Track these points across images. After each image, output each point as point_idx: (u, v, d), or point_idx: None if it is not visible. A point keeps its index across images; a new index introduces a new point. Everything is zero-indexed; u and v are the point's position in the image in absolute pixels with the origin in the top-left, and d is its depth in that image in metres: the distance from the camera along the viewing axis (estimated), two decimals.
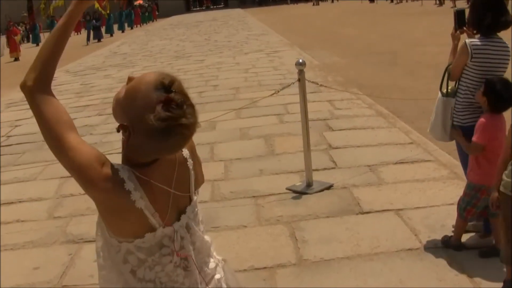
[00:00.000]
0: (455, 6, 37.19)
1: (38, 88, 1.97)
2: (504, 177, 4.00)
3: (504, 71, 4.71)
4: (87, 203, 6.58)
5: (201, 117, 6.98)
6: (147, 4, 69.27)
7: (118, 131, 1.91)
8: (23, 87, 2.00)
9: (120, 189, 1.89)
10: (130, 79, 1.98)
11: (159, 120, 1.82)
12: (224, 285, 2.29)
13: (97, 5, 44.09)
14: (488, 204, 4.21)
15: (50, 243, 5.77)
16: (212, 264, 2.28)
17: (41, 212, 6.62)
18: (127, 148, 1.94)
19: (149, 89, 1.87)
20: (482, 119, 4.55)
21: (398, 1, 51.25)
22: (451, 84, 5.00)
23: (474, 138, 4.56)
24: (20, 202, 7.08)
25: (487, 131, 4.45)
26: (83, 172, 1.85)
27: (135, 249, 1.98)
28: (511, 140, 4.01)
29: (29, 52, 36.50)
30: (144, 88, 1.88)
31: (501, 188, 4.01)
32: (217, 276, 2.27)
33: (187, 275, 2.11)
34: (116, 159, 2.04)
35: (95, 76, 18.71)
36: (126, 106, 1.90)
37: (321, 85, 8.62)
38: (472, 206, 4.66)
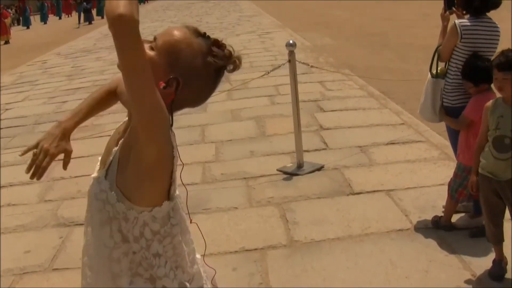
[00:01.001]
0: None
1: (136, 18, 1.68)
2: (481, 158, 4.03)
3: (494, 52, 4.68)
4: (78, 186, 6.58)
5: None
6: None
7: (165, 87, 1.84)
8: (120, 17, 1.64)
9: (171, 141, 1.87)
10: (155, 38, 1.94)
11: (222, 59, 1.96)
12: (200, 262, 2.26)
13: None
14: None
15: (41, 226, 5.76)
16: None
17: (32, 196, 6.61)
18: (174, 103, 1.88)
19: (191, 37, 1.92)
20: (474, 97, 4.57)
21: None
22: (441, 65, 4.99)
23: (463, 112, 4.59)
24: (11, 185, 7.05)
25: (478, 108, 4.43)
26: (163, 113, 1.75)
27: (151, 219, 1.91)
28: (486, 122, 4.02)
29: (20, 35, 36.32)
30: (187, 37, 1.91)
31: (479, 170, 4.04)
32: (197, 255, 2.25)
33: (188, 245, 2.08)
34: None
35: (87, 59, 18.61)
36: (172, 59, 1.87)
37: (312, 66, 8.57)
38: (463, 188, 4.66)
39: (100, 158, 2.05)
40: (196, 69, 1.89)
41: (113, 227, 1.93)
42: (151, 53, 1.87)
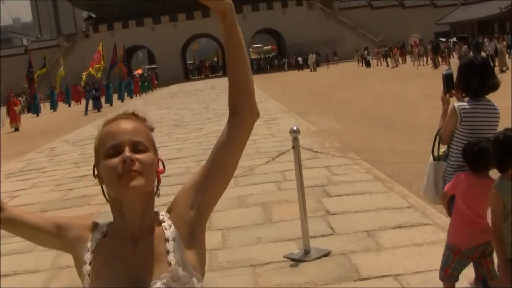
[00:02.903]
0: (449, 68, 37.75)
1: None
2: (507, 244, 3.95)
3: (494, 133, 4.73)
4: None
5: None
6: (146, 74, 70.18)
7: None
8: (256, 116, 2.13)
9: None
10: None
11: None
12: None
13: (90, 69, 44.86)
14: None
15: None
16: None
17: (37, 284, 6.55)
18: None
19: (141, 122, 2.16)
20: (459, 173, 4.61)
21: (394, 65, 51.97)
22: (443, 147, 5.03)
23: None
24: (16, 274, 7.01)
25: (455, 183, 4.48)
26: None
27: None
28: (499, 205, 3.97)
29: (29, 122, 36.83)
30: (142, 123, 2.16)
31: (509, 256, 3.95)
32: None
33: None
34: None
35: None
36: (153, 145, 2.07)
37: (316, 152, 8.64)
38: (448, 267, 4.65)
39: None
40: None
41: None
42: (149, 154, 1.97)
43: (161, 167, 2.01)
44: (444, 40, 46.88)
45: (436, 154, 5.02)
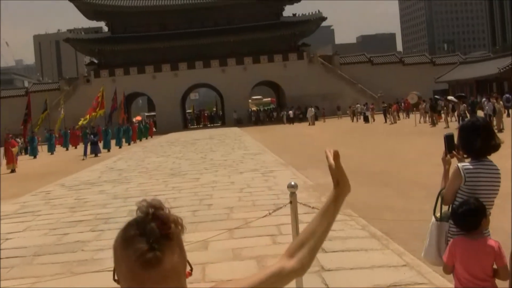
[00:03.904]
0: (448, 126, 38.03)
1: None
2: None
3: (496, 195, 4.76)
4: None
5: (194, 237, 7.01)
6: (144, 122, 70.45)
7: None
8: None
9: None
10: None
11: None
12: None
13: (87, 116, 45.36)
14: None
15: None
16: None
17: None
18: None
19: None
20: (452, 240, 4.61)
21: (392, 121, 52.26)
22: (444, 208, 5.02)
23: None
24: None
25: (452, 252, 4.47)
26: None
27: None
28: None
29: (26, 164, 36.80)
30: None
31: None
32: None
33: None
34: (108, 276, 2.01)
35: (90, 191, 18.73)
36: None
37: (313, 208, 8.60)
38: None
39: None
40: None
41: None
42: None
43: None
44: (439, 97, 47.39)
45: (438, 215, 5.01)
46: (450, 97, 46.29)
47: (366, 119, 57.88)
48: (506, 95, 47.14)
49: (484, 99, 37.88)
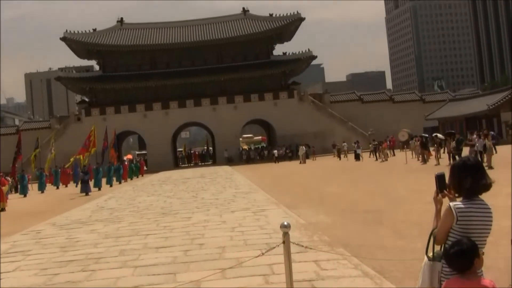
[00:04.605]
0: (438, 163, 38.17)
1: None
2: None
3: (488, 234, 4.78)
4: None
5: (186, 277, 6.99)
6: (135, 161, 70.36)
7: None
8: None
9: None
10: None
11: None
12: None
13: (80, 156, 45.58)
14: None
15: None
16: None
17: None
18: None
19: None
20: (445, 282, 4.61)
21: (383, 159, 52.43)
22: (437, 247, 5.03)
23: None
24: None
25: None
26: None
27: None
28: None
29: (16, 202, 36.58)
30: None
31: None
32: None
33: None
34: None
35: (81, 231, 18.60)
36: None
37: (306, 247, 8.60)
38: None
39: None
40: None
41: None
42: None
43: None
44: (426, 135, 47.77)
45: (430, 254, 5.01)
46: (437, 134, 46.64)
47: (357, 157, 58.03)
48: (491, 132, 47.53)
49: (474, 136, 38.10)
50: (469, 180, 4.82)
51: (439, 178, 5.08)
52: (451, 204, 4.81)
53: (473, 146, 35.95)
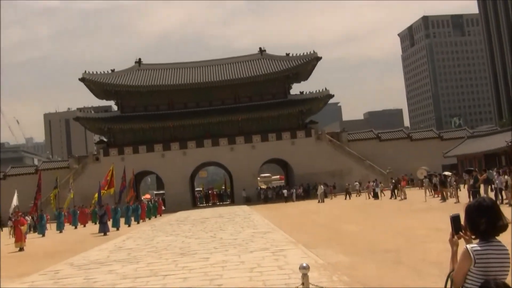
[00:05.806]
0: (458, 201, 37.88)
1: None
2: None
3: (506, 275, 4.73)
4: None
5: None
6: (153, 201, 70.45)
7: None
8: None
9: None
10: None
11: None
12: None
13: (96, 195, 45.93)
14: None
15: None
16: None
17: None
18: None
19: None
20: None
21: (403, 197, 52.11)
22: None
23: None
24: None
25: None
26: None
27: None
28: None
29: (35, 242, 36.69)
30: None
31: None
32: None
33: None
34: None
35: (99, 271, 18.61)
36: None
37: None
38: None
39: None
40: None
41: None
42: None
43: None
44: (432, 172, 47.64)
45: None
46: (446, 173, 46.49)
47: (375, 196, 57.75)
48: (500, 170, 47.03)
49: (495, 173, 37.79)
50: (484, 221, 4.78)
51: (454, 220, 5.06)
52: (468, 246, 4.77)
53: (475, 183, 35.66)
